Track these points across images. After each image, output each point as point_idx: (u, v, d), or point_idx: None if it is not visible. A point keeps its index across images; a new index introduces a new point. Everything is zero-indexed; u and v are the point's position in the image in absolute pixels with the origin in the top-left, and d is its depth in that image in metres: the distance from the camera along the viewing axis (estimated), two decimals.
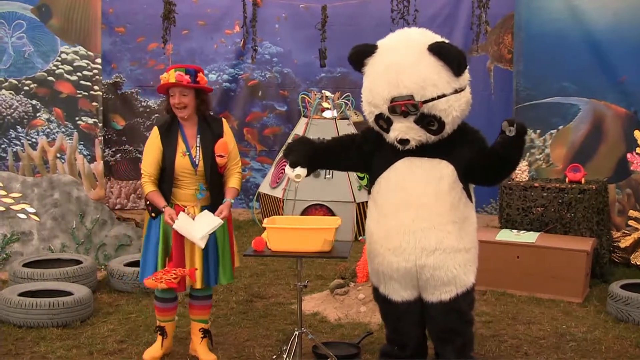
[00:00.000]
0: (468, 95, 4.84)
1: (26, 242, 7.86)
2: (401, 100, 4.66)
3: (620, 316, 6.51)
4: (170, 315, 5.55)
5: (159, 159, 5.28)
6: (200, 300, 5.54)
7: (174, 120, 5.36)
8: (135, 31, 11.17)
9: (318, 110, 10.20)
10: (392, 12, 10.26)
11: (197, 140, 5.33)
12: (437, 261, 4.78)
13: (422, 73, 4.65)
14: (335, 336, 6.05)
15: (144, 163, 5.31)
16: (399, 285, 4.97)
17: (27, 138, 9.33)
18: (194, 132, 5.36)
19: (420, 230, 4.77)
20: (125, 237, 8.14)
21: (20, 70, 9.31)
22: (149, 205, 5.35)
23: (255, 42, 11.25)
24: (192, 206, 5.31)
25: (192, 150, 5.29)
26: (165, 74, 5.30)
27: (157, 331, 5.56)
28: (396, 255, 4.84)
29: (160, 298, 5.48)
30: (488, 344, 5.89)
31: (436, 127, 4.73)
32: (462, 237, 4.83)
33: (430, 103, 4.65)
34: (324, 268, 8.01)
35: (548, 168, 8.76)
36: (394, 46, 4.85)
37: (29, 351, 5.70)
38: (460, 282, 4.85)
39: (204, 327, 5.55)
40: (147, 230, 5.43)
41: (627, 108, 8.31)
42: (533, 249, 7.24)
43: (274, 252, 4.86)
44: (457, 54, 4.68)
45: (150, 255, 5.36)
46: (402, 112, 4.69)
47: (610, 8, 8.35)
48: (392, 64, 4.74)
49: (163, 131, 5.32)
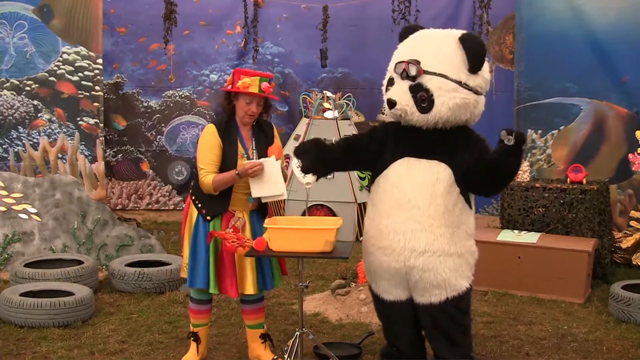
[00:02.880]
0: (471, 99, 4.79)
1: (27, 243, 7.86)
2: (407, 61, 4.76)
3: (621, 317, 6.51)
4: (205, 318, 5.48)
5: (220, 157, 5.17)
6: (253, 304, 5.45)
7: (232, 121, 5.28)
8: (136, 31, 11.17)
9: (319, 111, 10.20)
10: (394, 13, 10.24)
11: (252, 144, 5.29)
12: (426, 263, 4.75)
13: (438, 47, 4.78)
14: (337, 337, 6.05)
15: (203, 159, 5.15)
16: (390, 285, 4.97)
17: (28, 138, 9.34)
18: (249, 135, 5.30)
19: (410, 231, 4.75)
20: (127, 237, 8.13)
21: (21, 70, 9.32)
22: (202, 207, 5.23)
23: (256, 42, 11.25)
24: (242, 211, 5.27)
25: (249, 152, 5.25)
26: (247, 80, 5.13)
27: (190, 337, 5.49)
28: (386, 255, 4.85)
29: (196, 299, 5.40)
30: (489, 345, 5.89)
31: (426, 104, 4.73)
32: (455, 242, 4.79)
33: (429, 75, 4.71)
34: (325, 268, 8.01)
35: (549, 168, 8.76)
36: (435, 29, 5.05)
37: (31, 351, 5.70)
38: (451, 286, 4.81)
39: (263, 332, 5.50)
40: (193, 234, 5.27)
41: (629, 108, 8.29)
42: (534, 250, 7.24)
43: (275, 252, 4.86)
44: (478, 47, 4.74)
45: (200, 261, 5.22)
46: (402, 73, 4.77)
47: (612, 8, 8.34)
48: (421, 36, 4.97)
49: (222, 131, 5.21)
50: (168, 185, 11.39)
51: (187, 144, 11.38)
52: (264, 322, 5.59)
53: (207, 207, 5.22)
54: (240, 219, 5.23)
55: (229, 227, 5.19)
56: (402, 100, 4.76)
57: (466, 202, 4.88)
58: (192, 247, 5.26)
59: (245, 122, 5.27)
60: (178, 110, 11.36)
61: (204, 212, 5.23)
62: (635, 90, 8.24)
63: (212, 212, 5.21)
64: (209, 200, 5.20)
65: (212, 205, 5.22)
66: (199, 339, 5.46)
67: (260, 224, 5.31)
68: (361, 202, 9.45)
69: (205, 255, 5.21)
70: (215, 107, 11.46)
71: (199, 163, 5.19)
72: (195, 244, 5.25)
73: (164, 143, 11.34)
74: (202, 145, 5.21)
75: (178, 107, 11.35)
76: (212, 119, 11.12)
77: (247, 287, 5.23)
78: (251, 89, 5.12)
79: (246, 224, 5.26)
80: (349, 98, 10.41)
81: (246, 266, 5.22)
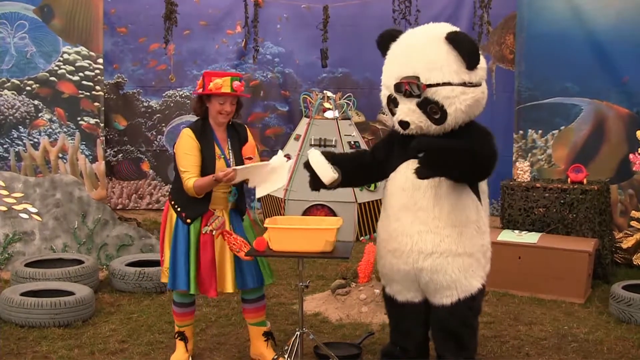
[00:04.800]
0: (479, 94, 4.77)
1: (28, 242, 7.87)
2: (406, 79, 4.69)
3: (622, 317, 6.51)
4: (189, 319, 5.51)
5: (200, 160, 5.20)
6: (253, 303, 5.48)
7: (206, 124, 5.32)
8: (137, 31, 11.17)
9: (320, 111, 10.20)
10: (394, 13, 10.25)
11: (228, 144, 5.34)
12: (435, 264, 4.75)
13: (430, 56, 4.67)
14: (337, 337, 6.05)
15: (185, 163, 5.17)
16: (402, 287, 4.99)
17: (29, 138, 9.34)
18: (224, 136, 5.36)
19: (417, 233, 4.76)
20: (127, 237, 8.13)
21: (22, 70, 9.32)
22: (182, 211, 5.25)
23: (256, 42, 11.24)
24: (221, 209, 5.31)
25: (225, 153, 5.30)
26: (219, 81, 5.18)
27: (177, 337, 5.52)
28: (396, 258, 4.87)
29: (178, 303, 5.44)
30: (490, 345, 5.89)
31: (439, 115, 4.70)
32: (463, 242, 4.78)
33: (434, 88, 4.65)
34: (325, 268, 8.01)
35: (550, 168, 8.75)
36: (415, 31, 4.94)
37: (31, 351, 5.70)
38: (462, 286, 4.81)
39: (267, 330, 5.53)
40: (173, 236, 5.30)
41: (630, 109, 8.29)
42: (535, 250, 7.24)
43: (275, 252, 4.86)
44: (470, 45, 4.67)
45: (180, 263, 5.24)
46: (405, 92, 4.71)
47: (613, 8, 8.33)
48: (407, 46, 4.85)
49: (198, 134, 5.25)
50: (168, 185, 11.38)
51: None
52: (266, 320, 5.61)
53: (187, 210, 5.26)
54: (220, 218, 5.28)
55: (207, 225, 5.24)
56: (414, 119, 4.74)
57: (478, 198, 4.88)
58: (173, 250, 5.29)
59: (220, 123, 5.32)
60: (178, 110, 11.36)
61: (183, 215, 5.26)
62: (635, 91, 8.24)
63: (193, 214, 5.25)
64: (189, 203, 5.23)
65: (192, 208, 5.25)
66: (186, 337, 5.50)
67: (237, 220, 5.40)
68: (362, 202, 9.44)
69: (185, 257, 5.24)
70: None
71: (181, 167, 5.21)
72: (176, 247, 5.28)
73: (164, 143, 11.35)
74: (181, 150, 5.23)
75: (178, 107, 11.35)
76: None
77: (227, 285, 5.28)
78: (223, 89, 5.17)
79: (225, 222, 5.30)
80: (350, 98, 10.42)
81: (226, 265, 5.28)
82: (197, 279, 5.25)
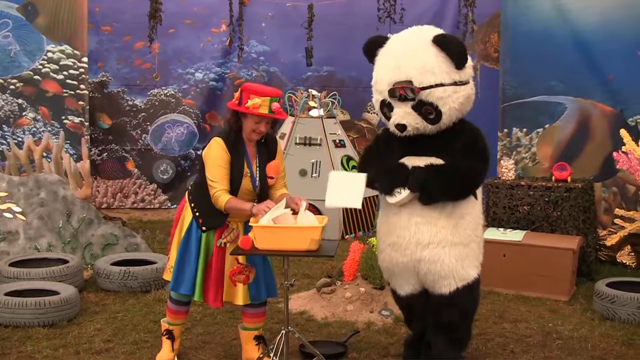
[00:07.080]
0: (469, 91, 4.96)
1: (12, 242, 7.82)
2: (400, 85, 4.79)
3: (606, 314, 6.54)
4: (182, 318, 5.45)
5: (229, 173, 5.02)
6: (256, 308, 5.40)
7: (239, 137, 5.09)
8: (121, 30, 11.15)
9: (305, 109, 10.19)
10: (379, 11, 10.28)
11: (256, 161, 5.17)
12: (432, 255, 4.90)
13: (422, 60, 4.79)
14: (322, 335, 6.06)
15: (216, 175, 4.96)
16: (402, 280, 5.16)
17: (13, 137, 9.29)
18: (254, 152, 5.17)
19: (414, 225, 4.92)
20: (112, 236, 8.10)
21: (6, 69, 9.26)
22: (200, 217, 5.12)
23: (241, 40, 11.25)
24: (237, 222, 5.16)
25: (252, 170, 5.13)
26: (257, 100, 4.91)
27: (165, 334, 5.45)
28: (395, 251, 5.03)
29: (175, 300, 5.35)
30: (475, 342, 5.90)
31: (434, 115, 4.84)
32: (458, 232, 4.93)
33: (427, 90, 4.77)
34: (311, 267, 8.01)
35: (534, 166, 8.78)
36: (402, 36, 5.03)
37: (16, 351, 5.68)
38: (459, 275, 4.96)
39: (257, 334, 5.48)
40: (184, 238, 5.19)
41: (614, 107, 8.33)
42: (519, 248, 7.26)
43: (260, 250, 4.84)
44: (458, 45, 4.83)
45: (188, 268, 5.15)
46: (400, 97, 4.82)
47: (597, 7, 8.37)
48: (396, 51, 4.93)
49: (230, 146, 5.03)
50: (153, 184, 11.38)
51: (172, 143, 11.38)
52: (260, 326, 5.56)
53: (205, 218, 5.14)
54: (234, 231, 5.17)
55: (221, 237, 5.13)
56: (411, 121, 4.86)
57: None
58: (181, 251, 5.19)
59: (251, 139, 5.13)
60: (163, 109, 11.35)
61: (200, 221, 5.15)
62: (620, 89, 8.27)
63: (210, 224, 5.14)
64: (210, 212, 5.08)
65: (212, 218, 5.12)
66: (174, 336, 5.45)
67: None
68: None
69: (194, 263, 5.14)
70: (201, 106, 11.45)
71: (211, 177, 4.99)
72: (185, 250, 5.18)
73: (149, 142, 11.33)
74: (212, 160, 5.01)
75: (163, 105, 11.34)
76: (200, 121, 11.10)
77: (237, 297, 5.20)
78: (261, 109, 4.93)
79: (240, 235, 5.15)
80: (335, 96, 10.42)
81: None
82: (202, 286, 5.16)
